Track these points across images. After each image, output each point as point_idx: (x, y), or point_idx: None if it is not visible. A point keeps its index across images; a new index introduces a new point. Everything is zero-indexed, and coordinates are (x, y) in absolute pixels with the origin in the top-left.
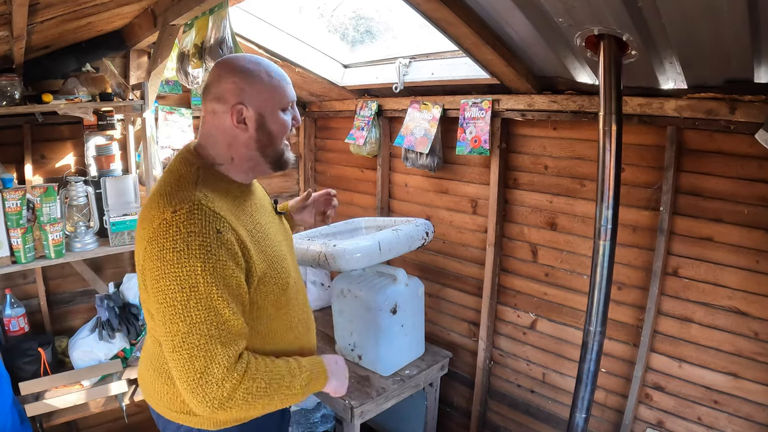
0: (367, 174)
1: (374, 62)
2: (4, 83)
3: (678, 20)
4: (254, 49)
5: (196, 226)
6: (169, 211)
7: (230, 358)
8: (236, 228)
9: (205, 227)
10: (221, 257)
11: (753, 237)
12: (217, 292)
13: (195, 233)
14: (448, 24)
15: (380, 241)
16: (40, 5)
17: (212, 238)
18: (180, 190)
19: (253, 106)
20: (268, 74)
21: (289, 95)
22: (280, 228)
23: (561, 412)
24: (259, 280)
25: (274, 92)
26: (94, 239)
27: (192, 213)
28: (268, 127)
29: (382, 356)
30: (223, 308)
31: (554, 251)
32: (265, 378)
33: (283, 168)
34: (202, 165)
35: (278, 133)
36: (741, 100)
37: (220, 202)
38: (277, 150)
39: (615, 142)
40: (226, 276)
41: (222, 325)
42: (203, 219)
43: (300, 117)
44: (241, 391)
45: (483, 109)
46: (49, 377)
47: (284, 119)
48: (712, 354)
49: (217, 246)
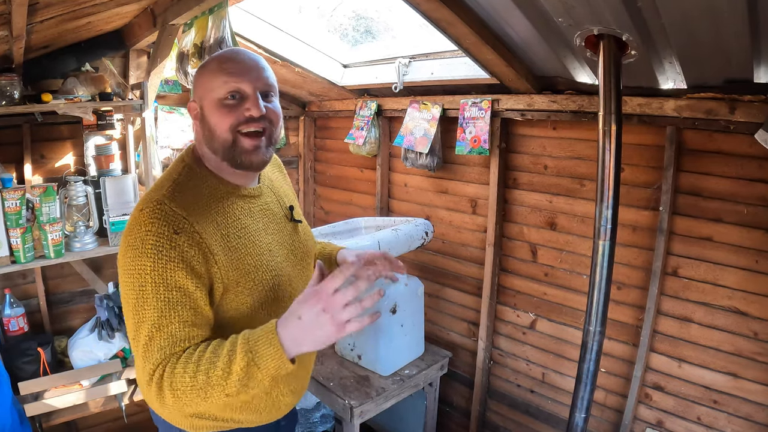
0: (367, 174)
1: (374, 62)
2: (3, 83)
3: (678, 20)
4: (254, 48)
5: (154, 225)
6: (138, 209)
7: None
8: (203, 230)
9: (162, 227)
10: (172, 259)
11: (753, 237)
12: (163, 293)
13: (152, 233)
14: (447, 24)
15: (380, 241)
16: (39, 5)
17: (166, 238)
18: (158, 187)
19: (197, 99)
20: (218, 62)
21: (232, 82)
22: (287, 237)
23: (561, 411)
24: (226, 288)
25: (212, 81)
26: (94, 239)
27: (153, 212)
28: (207, 119)
29: (382, 356)
30: (166, 313)
31: (554, 251)
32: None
33: (243, 166)
34: (191, 162)
35: (217, 125)
36: (741, 100)
37: (193, 201)
38: (223, 144)
39: (615, 142)
40: (172, 278)
41: (163, 328)
42: (162, 219)
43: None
44: (167, 390)
45: (482, 109)
46: (48, 377)
47: (224, 109)
48: (711, 354)
49: (170, 247)
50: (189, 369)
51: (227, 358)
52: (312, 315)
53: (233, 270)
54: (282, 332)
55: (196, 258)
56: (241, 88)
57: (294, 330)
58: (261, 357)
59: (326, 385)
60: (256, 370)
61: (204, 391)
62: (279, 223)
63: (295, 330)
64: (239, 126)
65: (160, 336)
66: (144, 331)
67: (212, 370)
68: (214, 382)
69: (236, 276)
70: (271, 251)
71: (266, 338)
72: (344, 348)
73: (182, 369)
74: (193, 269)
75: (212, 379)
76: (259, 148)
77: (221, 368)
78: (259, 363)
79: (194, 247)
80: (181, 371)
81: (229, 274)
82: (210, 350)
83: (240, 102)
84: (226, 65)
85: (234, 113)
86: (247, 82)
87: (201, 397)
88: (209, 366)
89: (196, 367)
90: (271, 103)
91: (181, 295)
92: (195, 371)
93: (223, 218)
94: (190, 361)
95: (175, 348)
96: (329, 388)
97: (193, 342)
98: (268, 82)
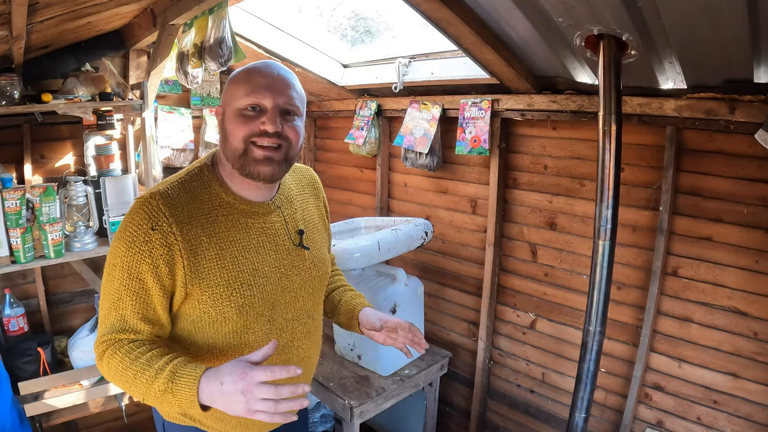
0: (367, 174)
1: (374, 62)
2: (3, 83)
3: (677, 20)
4: (254, 48)
5: (137, 216)
6: (137, 198)
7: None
8: (182, 232)
9: (143, 220)
10: (142, 252)
11: (752, 237)
12: (126, 279)
13: (133, 223)
14: (448, 24)
15: (379, 241)
16: (39, 5)
17: (143, 231)
18: (163, 183)
19: (223, 104)
20: (248, 72)
21: (254, 94)
22: (286, 261)
23: (560, 411)
24: (189, 294)
25: (237, 90)
26: (94, 239)
27: (142, 204)
28: (225, 125)
29: (382, 356)
30: (123, 297)
31: (554, 251)
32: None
33: (251, 176)
34: (206, 165)
35: (232, 132)
36: (741, 100)
37: (187, 202)
38: (234, 152)
39: (614, 142)
40: (137, 269)
41: (118, 309)
42: (145, 212)
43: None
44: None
45: (482, 109)
46: (48, 377)
47: (241, 118)
48: (711, 354)
49: (143, 241)
50: (125, 362)
51: (154, 373)
52: (230, 388)
53: (201, 279)
54: (203, 384)
55: (163, 258)
56: (261, 103)
57: (213, 389)
58: (178, 391)
59: (326, 385)
60: (171, 397)
61: (128, 385)
62: (279, 245)
63: (213, 389)
64: (252, 137)
65: (114, 315)
66: (105, 304)
67: (140, 375)
68: (138, 384)
69: (201, 285)
70: (255, 271)
71: (188, 379)
72: (344, 348)
73: (119, 359)
74: (158, 268)
75: (137, 381)
76: (271, 160)
77: (146, 378)
78: (175, 393)
79: (165, 246)
80: (118, 360)
81: (194, 281)
82: (147, 357)
83: (258, 115)
84: (254, 77)
85: (249, 125)
86: (269, 97)
87: (125, 387)
88: (139, 369)
89: (130, 363)
90: (290, 122)
91: (139, 287)
92: (128, 366)
93: (212, 226)
94: (128, 357)
95: (122, 334)
96: (329, 388)
97: (141, 335)
98: (292, 101)
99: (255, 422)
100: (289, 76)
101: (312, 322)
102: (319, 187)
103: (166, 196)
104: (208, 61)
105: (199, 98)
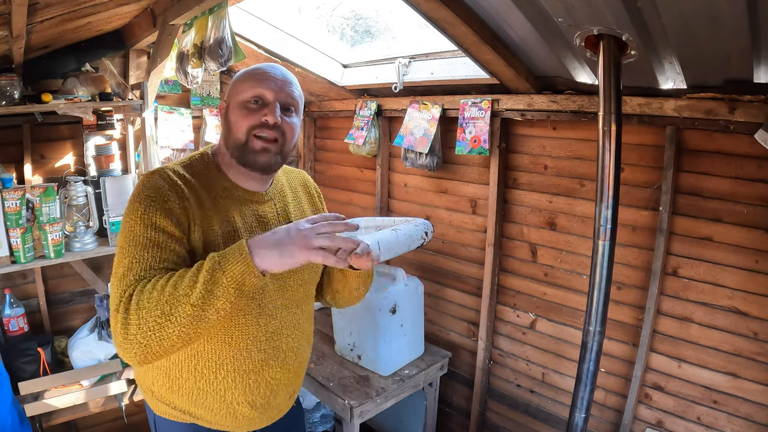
0: (367, 174)
1: (373, 62)
2: (3, 83)
3: (677, 20)
4: (253, 49)
5: (153, 179)
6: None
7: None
8: (193, 198)
9: (161, 182)
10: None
11: (752, 237)
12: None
13: (150, 186)
14: (447, 24)
15: (379, 241)
16: (39, 5)
17: (161, 192)
18: (169, 163)
19: (227, 99)
20: (252, 70)
21: (257, 87)
22: None
23: (560, 411)
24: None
25: (242, 84)
26: (94, 239)
27: (154, 172)
28: (229, 116)
29: (382, 356)
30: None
31: (554, 251)
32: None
33: (248, 165)
34: (207, 153)
35: (236, 123)
36: (740, 100)
37: (191, 177)
38: (236, 142)
39: (614, 141)
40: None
41: (143, 261)
42: (161, 176)
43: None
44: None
45: (482, 109)
46: (48, 377)
47: (245, 110)
48: (711, 354)
49: (163, 200)
50: (158, 285)
51: (195, 269)
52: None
53: (206, 242)
54: (251, 241)
55: (182, 215)
56: (264, 95)
57: (264, 241)
58: (227, 261)
59: (326, 385)
60: (221, 275)
61: (169, 305)
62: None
63: (265, 241)
64: (254, 129)
65: (138, 266)
66: (125, 262)
67: (180, 282)
68: (180, 293)
69: (206, 249)
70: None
71: (234, 247)
72: (344, 348)
73: (151, 286)
74: (179, 221)
75: (179, 290)
76: (268, 151)
77: (189, 278)
78: (224, 266)
79: (181, 209)
80: (150, 288)
81: (198, 246)
82: (180, 272)
83: (261, 107)
84: (257, 73)
85: (253, 116)
86: (271, 90)
87: (165, 315)
88: (178, 279)
89: (165, 282)
90: (288, 117)
91: (166, 238)
92: (164, 285)
93: (213, 203)
94: (161, 279)
95: (149, 275)
96: (329, 388)
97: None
98: (291, 97)
99: (244, 413)
100: (290, 76)
101: (301, 314)
102: (312, 185)
103: (177, 172)
104: (207, 61)
105: (199, 98)
